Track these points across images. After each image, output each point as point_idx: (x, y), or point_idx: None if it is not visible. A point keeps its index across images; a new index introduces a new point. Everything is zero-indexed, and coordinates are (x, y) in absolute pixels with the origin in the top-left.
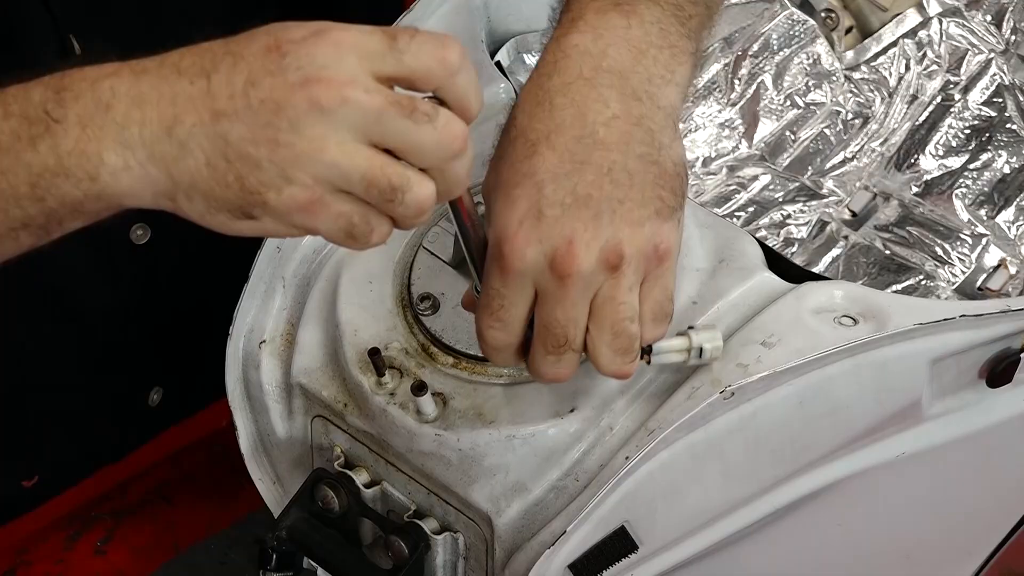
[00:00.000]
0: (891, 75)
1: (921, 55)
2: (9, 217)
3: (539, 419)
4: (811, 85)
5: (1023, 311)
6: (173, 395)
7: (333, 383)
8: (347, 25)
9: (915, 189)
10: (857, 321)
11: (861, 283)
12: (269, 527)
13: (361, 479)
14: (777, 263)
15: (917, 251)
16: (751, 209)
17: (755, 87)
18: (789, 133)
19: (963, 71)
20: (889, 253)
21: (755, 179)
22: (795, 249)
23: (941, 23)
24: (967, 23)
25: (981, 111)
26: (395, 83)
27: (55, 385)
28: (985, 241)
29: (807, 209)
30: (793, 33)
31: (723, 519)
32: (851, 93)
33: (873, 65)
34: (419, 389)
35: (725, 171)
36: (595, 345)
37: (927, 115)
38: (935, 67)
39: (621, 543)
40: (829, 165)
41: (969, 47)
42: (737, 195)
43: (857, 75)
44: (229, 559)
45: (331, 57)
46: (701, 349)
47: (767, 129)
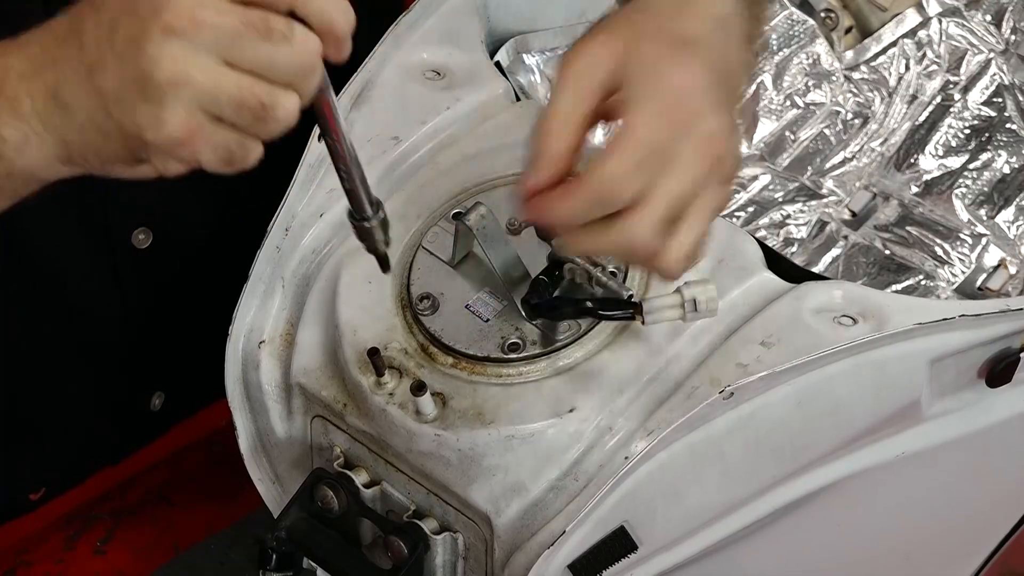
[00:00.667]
0: (891, 75)
1: (921, 55)
2: None
3: (538, 419)
4: (811, 85)
5: (1022, 311)
6: (174, 399)
7: (332, 383)
8: None
9: (915, 189)
10: (856, 321)
11: (861, 283)
12: (269, 527)
13: (360, 479)
14: (777, 263)
15: (917, 251)
16: (751, 209)
17: (755, 87)
18: (789, 133)
19: (963, 71)
20: (889, 253)
21: (755, 179)
22: (795, 249)
23: (941, 23)
24: (967, 23)
25: (981, 111)
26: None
27: (57, 390)
28: (985, 241)
29: (807, 209)
30: (793, 33)
31: (723, 519)
32: (851, 93)
33: (873, 65)
34: (418, 389)
35: None
36: (682, 237)
37: (927, 115)
38: (935, 67)
39: (620, 543)
40: (829, 165)
41: (969, 47)
42: (737, 195)
43: (857, 75)
44: (229, 559)
45: None
46: (695, 301)
47: (767, 129)
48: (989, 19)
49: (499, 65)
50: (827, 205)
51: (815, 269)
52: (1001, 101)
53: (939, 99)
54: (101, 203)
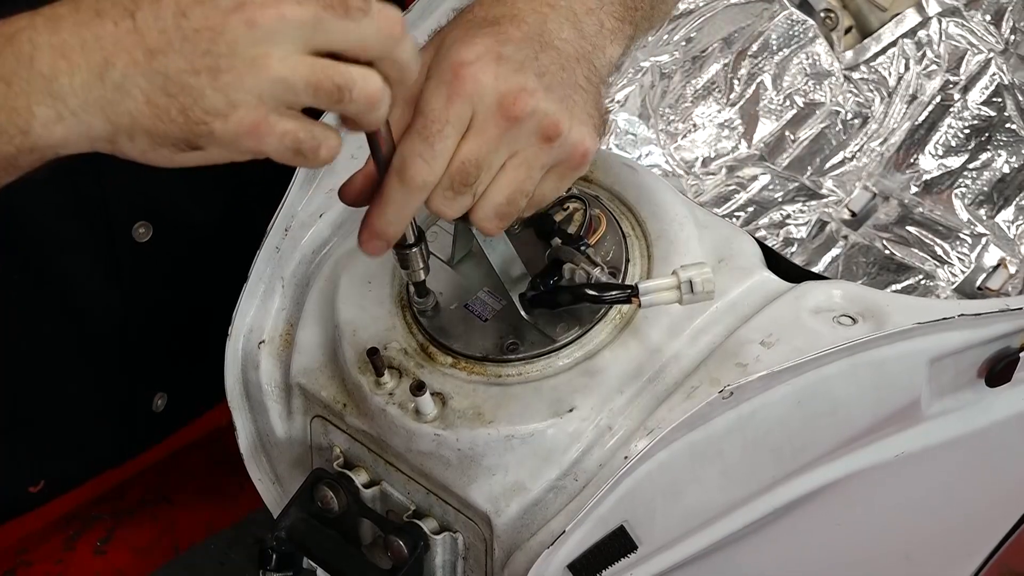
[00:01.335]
0: (890, 75)
1: (920, 55)
2: None
3: (538, 419)
4: (811, 85)
5: (1022, 310)
6: (177, 400)
7: (332, 383)
8: None
9: (915, 189)
10: (856, 320)
11: (861, 283)
12: (269, 527)
13: (360, 479)
14: (776, 263)
15: (917, 251)
16: (751, 209)
17: (755, 87)
18: (789, 133)
19: (962, 71)
20: (889, 253)
21: (754, 179)
22: (795, 249)
23: (940, 23)
24: (966, 23)
25: (980, 111)
26: None
27: (58, 388)
28: (985, 241)
29: (806, 209)
30: (792, 33)
31: (722, 519)
32: (850, 93)
33: (872, 65)
34: (418, 389)
35: (724, 171)
36: (486, 197)
37: (926, 115)
38: (934, 67)
39: (620, 543)
40: (828, 165)
41: (968, 47)
42: (737, 195)
43: (856, 75)
44: (229, 559)
45: None
46: (691, 283)
47: (767, 129)
48: (989, 19)
49: None
50: (827, 205)
51: (815, 269)
52: (1001, 101)
53: (939, 99)
54: (101, 196)
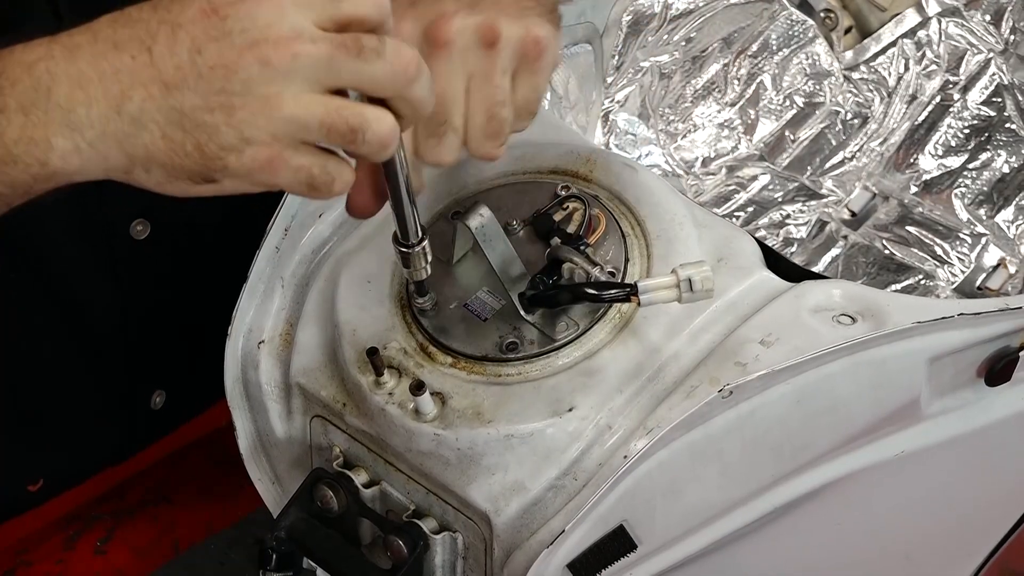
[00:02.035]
0: (890, 75)
1: (920, 55)
2: None
3: (537, 418)
4: (811, 85)
5: (1021, 309)
6: (176, 398)
7: (332, 383)
8: None
9: (914, 189)
10: (856, 320)
11: (860, 283)
12: (269, 527)
13: (360, 479)
14: (776, 263)
15: (916, 251)
16: (750, 209)
17: (754, 87)
18: (788, 133)
19: (962, 71)
20: (888, 253)
21: (754, 179)
22: (794, 249)
23: (940, 23)
24: (966, 23)
25: (980, 111)
26: (338, 28)
27: (56, 386)
28: (984, 240)
29: (806, 209)
30: (792, 33)
31: (722, 518)
32: (850, 93)
33: (872, 65)
34: (418, 388)
35: (724, 171)
36: (469, 125)
37: (926, 115)
38: (934, 67)
39: (620, 542)
40: (828, 165)
41: (968, 47)
42: (736, 195)
43: (856, 75)
44: (229, 559)
45: (273, 14)
46: (690, 282)
47: (766, 129)
48: (988, 19)
49: None
50: (827, 205)
51: (815, 269)
52: (1000, 101)
53: (938, 99)
54: (99, 193)
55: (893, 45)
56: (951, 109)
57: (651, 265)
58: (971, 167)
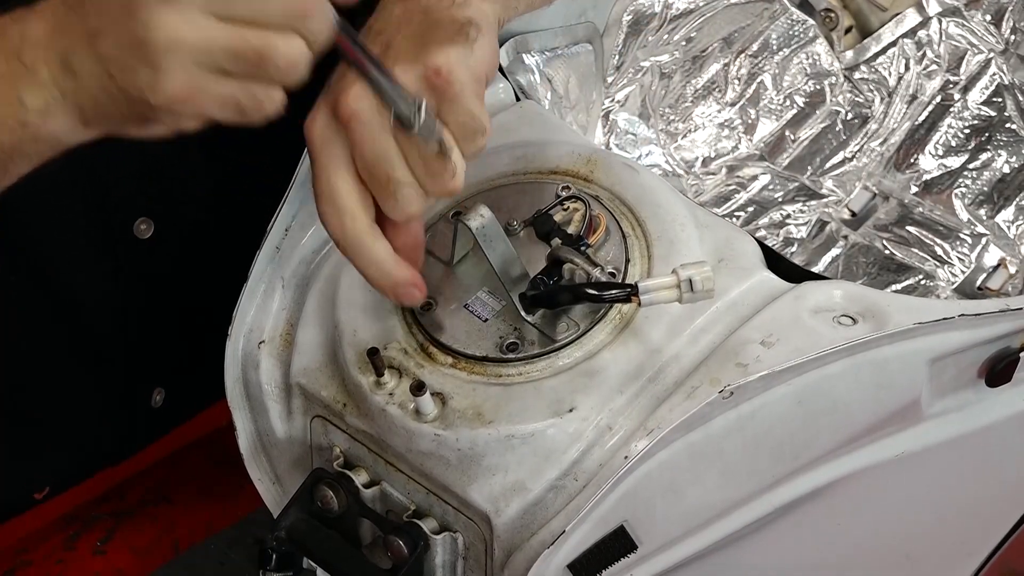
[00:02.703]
0: (891, 75)
1: (921, 55)
2: None
3: (538, 419)
4: (811, 85)
5: (1022, 310)
6: (176, 396)
7: (332, 383)
8: None
9: (915, 189)
10: (856, 320)
11: (861, 283)
12: (269, 527)
13: (360, 479)
14: (776, 263)
15: (917, 251)
16: (751, 209)
17: (755, 87)
18: (789, 133)
19: (963, 71)
20: (889, 253)
21: (755, 179)
22: (795, 249)
23: (941, 23)
24: (967, 23)
25: (981, 111)
26: None
27: (56, 384)
28: (985, 241)
29: (807, 209)
30: (793, 33)
31: (722, 519)
32: (851, 93)
33: (873, 65)
34: (418, 389)
35: (725, 171)
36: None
37: (927, 115)
38: (935, 67)
39: (620, 543)
40: (829, 165)
41: (969, 47)
42: (737, 195)
43: (857, 75)
44: (229, 559)
45: None
46: (691, 282)
47: (767, 129)
48: (989, 19)
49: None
50: (827, 205)
51: (815, 269)
52: (1001, 101)
53: (939, 99)
54: (105, 191)
55: (893, 45)
56: (951, 109)
57: (652, 266)
58: (971, 167)
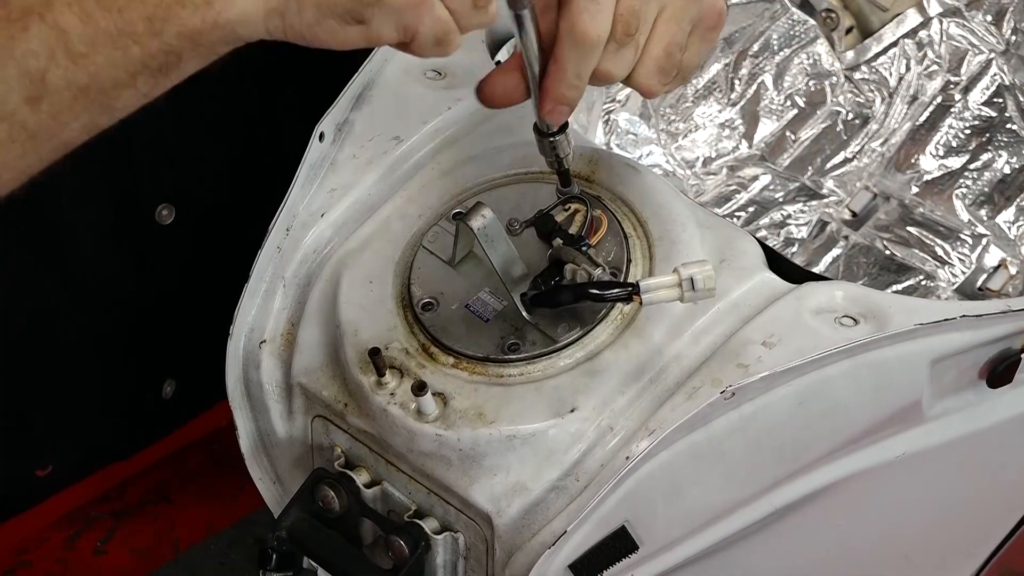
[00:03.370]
0: (891, 75)
1: (921, 55)
2: (128, 58)
3: (539, 419)
4: (811, 85)
5: (1023, 311)
6: (186, 388)
7: (333, 383)
8: None
9: (915, 189)
10: (857, 321)
11: (861, 283)
12: (269, 527)
13: (361, 479)
14: (777, 263)
15: (917, 251)
16: (751, 209)
17: (755, 87)
18: (789, 133)
19: (963, 71)
20: (889, 253)
21: (755, 179)
22: (795, 249)
23: (941, 23)
24: (967, 23)
25: (981, 111)
26: None
27: (68, 373)
28: (985, 241)
29: (807, 209)
30: (793, 33)
31: (723, 519)
32: (851, 93)
33: (873, 65)
34: (419, 389)
35: (725, 171)
36: (646, 52)
37: (927, 115)
38: (935, 67)
39: (621, 543)
40: (829, 165)
41: (969, 47)
42: (737, 195)
43: (857, 75)
44: (229, 559)
45: None
46: (692, 281)
47: (767, 129)
48: (990, 19)
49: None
50: (827, 205)
51: (816, 269)
52: (1002, 101)
53: (939, 99)
54: (131, 176)
55: (894, 45)
56: (952, 109)
57: (653, 266)
58: (972, 168)
